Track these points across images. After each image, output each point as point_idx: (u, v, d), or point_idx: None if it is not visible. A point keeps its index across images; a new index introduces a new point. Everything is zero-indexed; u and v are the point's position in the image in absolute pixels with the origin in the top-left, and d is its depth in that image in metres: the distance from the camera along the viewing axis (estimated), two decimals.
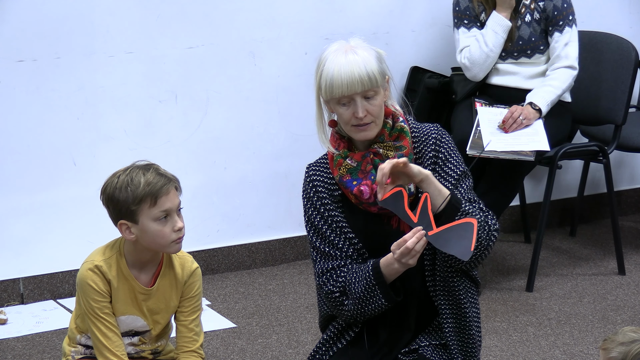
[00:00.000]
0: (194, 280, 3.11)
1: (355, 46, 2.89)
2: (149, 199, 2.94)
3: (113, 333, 3.04)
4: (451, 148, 2.96)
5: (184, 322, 3.10)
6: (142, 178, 2.96)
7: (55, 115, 4.43)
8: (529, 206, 5.29)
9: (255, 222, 4.88)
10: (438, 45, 5.06)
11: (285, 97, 4.81)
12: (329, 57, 2.89)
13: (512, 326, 4.29)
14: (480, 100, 4.66)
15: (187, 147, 4.69)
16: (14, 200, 4.42)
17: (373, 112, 2.89)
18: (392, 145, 2.92)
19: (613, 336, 2.54)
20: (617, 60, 4.85)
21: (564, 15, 4.61)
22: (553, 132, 4.54)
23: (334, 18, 4.85)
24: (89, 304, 3.05)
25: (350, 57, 2.86)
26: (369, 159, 2.92)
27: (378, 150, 2.92)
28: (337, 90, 2.85)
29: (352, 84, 2.84)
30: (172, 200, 2.98)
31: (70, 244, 4.53)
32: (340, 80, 2.85)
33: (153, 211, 2.95)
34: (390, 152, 2.91)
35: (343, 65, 2.85)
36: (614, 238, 4.85)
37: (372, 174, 2.89)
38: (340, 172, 2.93)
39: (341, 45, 2.90)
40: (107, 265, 3.06)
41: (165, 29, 4.56)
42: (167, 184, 2.98)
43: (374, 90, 2.87)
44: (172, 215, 2.98)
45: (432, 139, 2.96)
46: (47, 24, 4.36)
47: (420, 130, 3.00)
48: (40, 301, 4.50)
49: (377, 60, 2.89)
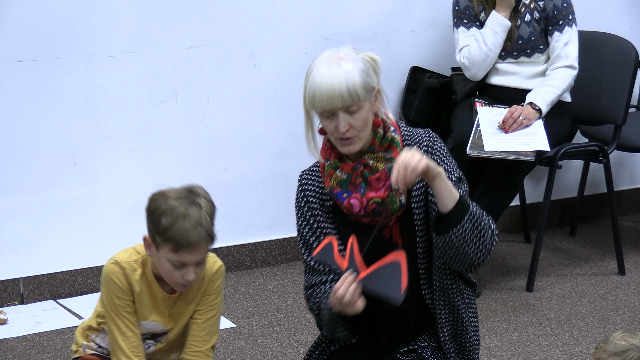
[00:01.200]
0: (214, 279, 3.02)
1: (343, 57, 2.81)
2: (174, 244, 2.84)
3: (132, 333, 2.97)
4: (444, 154, 2.90)
5: (198, 320, 3.03)
6: (180, 221, 2.83)
7: (55, 115, 4.43)
8: (529, 206, 5.29)
9: (255, 222, 4.88)
10: (438, 45, 5.06)
11: (285, 97, 4.81)
12: (314, 68, 2.81)
13: (512, 326, 4.29)
14: (480, 100, 4.66)
15: (187, 147, 4.69)
16: (14, 200, 4.42)
17: (356, 127, 2.80)
18: (383, 156, 2.86)
19: (604, 345, 2.50)
20: (617, 60, 4.85)
21: (564, 15, 4.61)
22: (553, 132, 4.54)
23: (334, 18, 4.85)
24: (112, 300, 2.97)
25: (333, 70, 2.78)
26: (358, 171, 2.86)
27: (368, 161, 2.85)
28: (318, 104, 2.79)
29: (332, 99, 2.77)
30: (194, 256, 2.86)
31: (70, 244, 4.53)
32: (320, 94, 2.77)
33: (171, 255, 2.86)
34: (381, 164, 2.85)
35: (325, 78, 2.77)
36: (614, 238, 4.86)
37: (362, 187, 2.85)
38: (331, 184, 2.88)
39: (329, 55, 2.82)
40: (130, 268, 2.99)
41: (165, 29, 4.56)
42: (198, 242, 2.84)
43: (357, 105, 2.79)
44: (187, 267, 2.87)
45: (423, 146, 2.89)
46: (47, 24, 4.36)
47: (411, 137, 2.92)
48: (40, 301, 4.50)
49: (363, 73, 2.81)
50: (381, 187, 2.84)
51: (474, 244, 2.79)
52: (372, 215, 2.85)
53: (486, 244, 2.80)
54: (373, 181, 2.84)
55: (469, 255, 2.79)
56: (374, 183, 2.84)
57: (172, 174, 4.66)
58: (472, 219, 2.76)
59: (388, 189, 2.83)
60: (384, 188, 2.84)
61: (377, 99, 2.86)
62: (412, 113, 4.94)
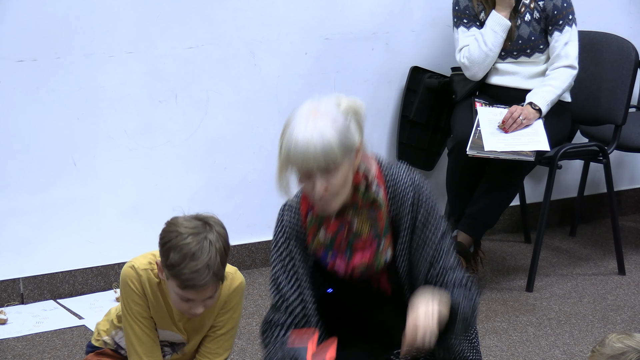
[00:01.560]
0: (233, 295, 3.00)
1: (323, 112, 2.65)
2: (179, 282, 2.80)
3: (148, 338, 2.96)
4: (430, 206, 2.79)
5: (213, 334, 3.02)
6: (188, 262, 2.78)
7: (55, 115, 4.43)
8: (529, 206, 5.29)
9: (255, 222, 4.88)
10: (438, 45, 5.06)
11: (285, 97, 4.81)
12: (292, 123, 2.67)
13: (512, 326, 4.29)
14: (480, 100, 4.66)
15: (187, 147, 4.69)
16: (14, 200, 4.42)
17: (333, 189, 2.66)
18: (367, 216, 2.74)
19: (601, 348, 2.48)
20: (617, 60, 4.85)
21: (564, 15, 4.61)
22: (553, 132, 4.54)
23: (334, 18, 4.85)
24: (129, 305, 2.96)
25: (309, 130, 2.62)
26: (343, 234, 2.75)
27: (352, 222, 2.74)
28: (293, 163, 2.65)
29: (307, 161, 2.62)
30: (200, 295, 2.83)
31: (70, 244, 4.53)
32: (295, 155, 2.63)
33: (177, 290, 2.83)
34: (365, 226, 2.74)
35: (300, 136, 2.62)
36: (614, 238, 4.86)
37: (348, 252, 2.75)
38: (314, 246, 2.78)
39: (309, 109, 2.67)
40: (147, 276, 2.96)
41: (165, 29, 4.56)
42: (204, 285, 2.80)
43: (334, 166, 2.64)
44: (194, 302, 2.85)
45: (409, 200, 2.78)
46: (47, 24, 4.36)
47: (396, 188, 2.80)
48: (40, 301, 4.50)
49: (342, 133, 2.64)
50: (367, 251, 2.76)
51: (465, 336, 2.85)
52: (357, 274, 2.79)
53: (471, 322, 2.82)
54: (359, 246, 2.76)
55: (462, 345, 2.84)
56: (359, 248, 2.76)
57: (172, 174, 4.66)
58: (463, 322, 2.75)
59: (374, 251, 2.76)
60: (370, 251, 2.76)
61: (358, 155, 2.72)
62: (412, 113, 4.94)
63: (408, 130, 4.97)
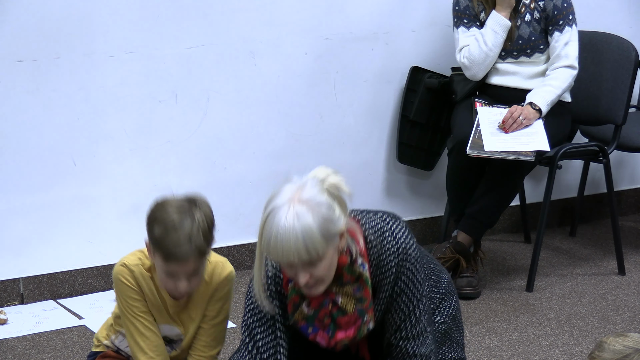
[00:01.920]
0: (223, 285, 3.02)
1: (305, 200, 2.56)
2: (163, 254, 2.85)
3: (151, 332, 2.98)
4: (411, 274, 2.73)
5: (205, 325, 3.03)
6: (170, 234, 2.82)
7: (55, 115, 4.43)
8: (529, 206, 5.29)
9: (255, 222, 4.81)
10: (438, 45, 5.06)
11: (285, 97, 4.81)
12: (272, 211, 2.59)
13: (512, 326, 4.29)
14: (480, 100, 4.66)
15: (187, 147, 4.68)
16: (14, 200, 4.42)
17: (317, 277, 2.60)
18: (352, 294, 2.68)
19: (600, 353, 2.46)
20: (617, 60, 4.84)
21: (564, 15, 4.61)
22: (553, 132, 4.54)
23: (334, 18, 4.84)
24: (127, 302, 2.98)
25: (289, 223, 2.53)
26: (327, 309, 2.71)
27: (337, 298, 2.69)
28: (273, 257, 2.60)
29: (288, 255, 2.55)
30: (183, 268, 2.86)
31: (70, 244, 4.53)
32: (275, 249, 2.56)
33: (161, 263, 2.87)
34: (350, 304, 2.69)
35: (281, 231, 2.54)
36: (614, 238, 4.86)
37: (331, 328, 2.70)
38: (295, 317, 2.72)
39: (290, 196, 2.59)
40: (139, 271, 2.99)
41: (165, 29, 4.56)
42: (185, 256, 2.83)
43: (318, 257, 2.57)
44: (179, 278, 2.88)
45: (392, 269, 2.72)
46: (47, 24, 4.35)
47: (380, 258, 2.72)
48: (40, 301, 4.50)
49: (324, 225, 2.56)
50: (351, 328, 2.72)
51: None
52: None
53: None
54: (343, 323, 2.71)
55: None
56: (343, 324, 2.71)
57: (172, 174, 4.66)
58: None
59: (358, 327, 2.71)
60: (354, 327, 2.72)
61: (342, 238, 2.64)
62: (412, 113, 4.94)
63: (408, 130, 4.97)
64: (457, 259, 4.57)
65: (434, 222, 5.17)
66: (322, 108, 4.91)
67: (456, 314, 3.00)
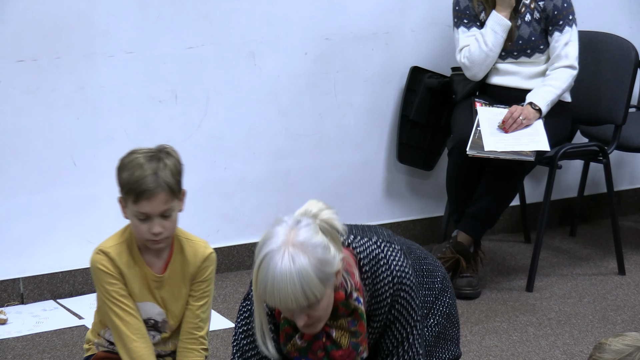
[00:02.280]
0: (206, 265, 3.06)
1: (300, 242, 2.49)
2: (132, 195, 2.91)
3: (131, 317, 3.00)
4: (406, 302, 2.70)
5: (191, 307, 3.07)
6: (136, 171, 2.90)
7: (55, 115, 4.43)
8: (529, 206, 5.29)
9: (255, 222, 4.88)
10: (438, 45, 5.06)
11: (285, 97, 4.81)
12: (266, 256, 2.49)
13: (512, 326, 4.29)
14: (480, 100, 4.66)
15: (187, 147, 4.68)
16: (14, 200, 4.42)
17: (316, 318, 2.55)
18: (347, 328, 2.64)
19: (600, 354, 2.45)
20: (617, 60, 4.85)
21: (564, 15, 4.61)
22: (553, 132, 4.54)
23: (334, 18, 4.84)
24: (104, 287, 3.00)
25: (285, 269, 2.44)
26: (321, 342, 2.65)
27: (331, 332, 2.64)
28: (271, 304, 2.52)
29: (285, 302, 2.47)
30: (153, 206, 2.90)
31: (70, 244, 4.53)
32: (272, 296, 2.47)
33: (133, 208, 2.93)
34: (345, 338, 2.63)
35: (277, 277, 2.45)
36: (614, 238, 4.86)
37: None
38: (288, 348, 2.66)
39: (284, 239, 2.50)
40: (115, 252, 3.02)
41: (165, 29, 4.56)
42: (153, 190, 2.88)
43: (315, 300, 2.50)
44: (151, 219, 2.92)
45: (386, 299, 2.68)
46: (47, 24, 4.35)
47: (375, 288, 2.68)
48: (40, 301, 4.50)
49: (320, 267, 2.49)
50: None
51: None
52: None
53: None
54: (337, 356, 2.66)
55: None
56: (337, 358, 2.66)
57: None
58: None
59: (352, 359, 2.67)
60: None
61: (338, 275, 2.57)
62: (412, 113, 4.94)
63: (408, 130, 4.97)
64: (457, 259, 4.57)
65: (434, 222, 5.17)
66: (322, 108, 4.91)
67: (450, 310, 2.97)
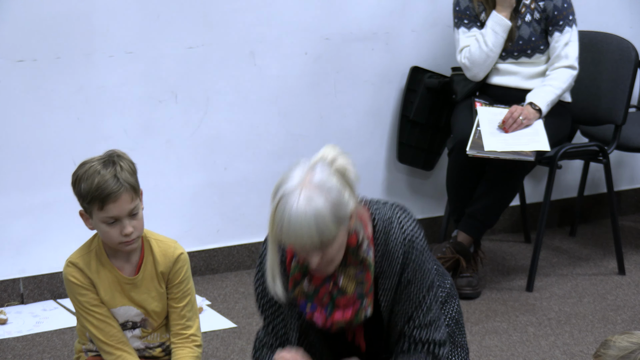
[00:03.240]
0: (179, 267, 3.08)
1: (317, 183, 2.57)
2: (97, 202, 2.92)
3: (105, 324, 3.03)
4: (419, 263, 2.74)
5: (175, 309, 3.09)
6: (96, 178, 2.91)
7: (55, 115, 4.43)
8: (529, 206, 5.29)
9: (255, 222, 4.88)
10: (438, 45, 5.06)
11: (285, 97, 4.81)
12: (283, 197, 2.57)
13: (512, 326, 4.29)
14: (480, 100, 4.66)
15: (187, 147, 4.68)
16: (14, 200, 4.42)
17: (329, 259, 2.63)
18: (354, 276, 2.70)
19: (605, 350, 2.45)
20: (617, 60, 4.85)
21: (564, 15, 4.61)
22: (553, 132, 4.55)
23: (334, 18, 4.85)
24: (77, 299, 3.05)
25: (301, 208, 2.53)
26: (327, 287, 2.71)
27: (339, 278, 2.69)
28: (287, 242, 2.59)
29: (302, 242, 2.56)
30: (120, 207, 2.92)
31: (70, 243, 4.49)
32: (288, 234, 2.56)
33: (100, 214, 2.94)
34: (351, 285, 2.69)
35: (293, 216, 2.53)
36: (614, 238, 4.85)
37: (329, 308, 2.72)
38: (295, 293, 2.73)
39: (300, 180, 2.59)
40: (84, 262, 3.05)
41: (165, 29, 4.56)
42: (117, 192, 2.91)
43: (329, 241, 2.58)
44: (121, 221, 2.94)
45: (398, 259, 2.73)
46: (47, 24, 4.36)
47: (387, 246, 2.73)
48: (40, 301, 4.50)
49: (335, 209, 2.56)
50: (348, 309, 2.72)
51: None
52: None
53: None
54: (341, 304, 2.72)
55: None
56: (341, 305, 2.72)
57: (172, 174, 4.66)
58: None
59: (355, 310, 2.72)
60: (352, 310, 2.72)
61: (352, 219, 2.65)
62: (412, 113, 4.94)
63: (408, 130, 4.97)
64: (457, 259, 4.57)
65: (434, 222, 5.18)
66: (322, 108, 4.91)
67: (459, 317, 3.01)
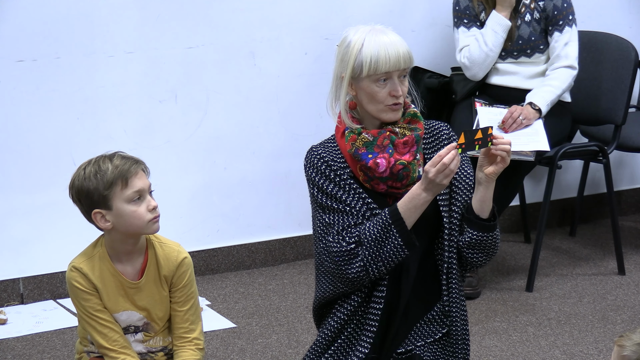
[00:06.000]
0: (183, 271, 3.08)
1: (384, 30, 2.99)
2: (120, 181, 2.95)
3: (109, 329, 3.04)
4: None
5: (178, 312, 3.09)
6: (109, 164, 2.98)
7: (55, 115, 4.43)
8: (529, 206, 5.29)
9: (255, 222, 4.88)
10: (438, 45, 5.06)
11: (285, 97, 4.81)
12: (366, 38, 2.95)
13: (512, 326, 4.29)
14: (480, 100, 4.66)
15: (187, 147, 4.69)
16: (14, 200, 4.42)
17: (405, 92, 3.01)
18: (408, 126, 3.00)
19: (630, 334, 2.49)
20: (617, 60, 4.85)
21: (564, 15, 4.61)
22: (553, 132, 4.55)
23: (334, 18, 4.85)
24: (80, 304, 3.06)
25: (392, 37, 2.97)
26: (385, 134, 2.97)
27: (394, 128, 2.98)
28: (384, 67, 2.95)
29: (398, 61, 2.97)
30: (142, 180, 2.99)
31: (70, 244, 4.50)
32: (386, 56, 2.95)
33: (126, 192, 2.96)
34: (407, 131, 2.98)
35: (388, 44, 2.96)
36: (614, 238, 4.85)
37: (390, 148, 2.95)
38: (356, 145, 2.97)
39: (370, 28, 2.98)
40: (88, 267, 3.06)
41: (165, 29, 4.56)
42: (135, 165, 2.99)
43: (408, 70, 3.03)
44: (144, 195, 2.98)
45: (444, 137, 3.06)
46: (47, 24, 4.36)
47: (431, 125, 3.09)
48: (40, 301, 4.50)
49: None
50: (407, 152, 2.96)
51: (492, 250, 3.03)
52: (394, 179, 2.94)
53: (493, 254, 3.06)
54: (400, 145, 2.96)
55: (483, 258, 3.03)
56: (400, 147, 2.96)
57: (172, 174, 4.66)
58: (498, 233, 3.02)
59: (413, 155, 2.96)
60: (410, 154, 2.96)
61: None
62: None
63: None
64: None
65: None
66: (322, 108, 4.88)
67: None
